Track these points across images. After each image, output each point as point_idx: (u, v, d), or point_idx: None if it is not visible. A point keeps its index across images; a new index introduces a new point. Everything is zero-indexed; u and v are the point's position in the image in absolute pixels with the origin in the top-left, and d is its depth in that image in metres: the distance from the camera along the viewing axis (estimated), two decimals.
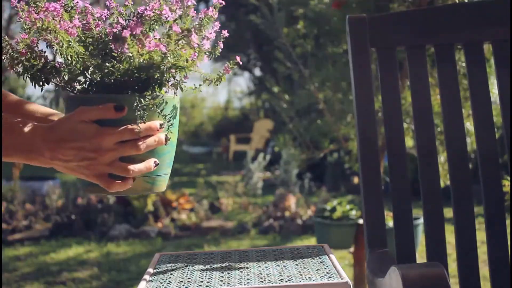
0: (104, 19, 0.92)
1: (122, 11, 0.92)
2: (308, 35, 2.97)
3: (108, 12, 0.92)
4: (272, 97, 3.50)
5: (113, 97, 0.86)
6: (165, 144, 0.88)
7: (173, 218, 5.39)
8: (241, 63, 0.95)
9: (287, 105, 3.20)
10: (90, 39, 0.88)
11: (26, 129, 0.84)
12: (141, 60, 0.84)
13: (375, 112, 1.29)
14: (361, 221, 4.15)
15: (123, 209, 5.37)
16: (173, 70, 0.87)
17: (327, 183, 7.29)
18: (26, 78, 0.90)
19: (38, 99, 10.26)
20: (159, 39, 0.86)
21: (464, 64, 1.37)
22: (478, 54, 1.30)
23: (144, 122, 0.85)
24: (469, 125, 2.32)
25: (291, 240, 4.93)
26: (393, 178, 1.26)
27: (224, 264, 1.01)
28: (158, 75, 0.87)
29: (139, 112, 0.85)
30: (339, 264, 0.97)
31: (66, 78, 0.90)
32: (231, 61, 0.92)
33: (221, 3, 0.92)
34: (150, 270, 1.00)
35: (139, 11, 0.87)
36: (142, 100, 0.85)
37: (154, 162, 0.87)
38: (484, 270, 1.25)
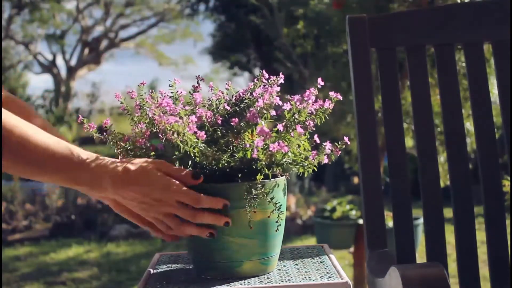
0: (207, 105, 0.95)
1: (226, 97, 0.95)
2: (308, 35, 2.97)
3: (210, 98, 0.96)
4: None
5: (226, 186, 0.88)
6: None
7: None
8: (340, 97, 0.94)
9: None
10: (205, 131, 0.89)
11: (96, 165, 0.88)
12: (262, 157, 0.85)
13: (375, 112, 1.29)
14: (361, 221, 4.15)
15: None
16: (292, 166, 0.89)
17: (327, 183, 7.28)
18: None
19: (38, 99, 10.24)
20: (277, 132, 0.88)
21: (464, 64, 1.37)
22: (478, 54, 1.30)
23: (255, 211, 0.88)
24: (469, 125, 2.32)
25: (291, 240, 4.92)
26: (393, 178, 1.26)
27: None
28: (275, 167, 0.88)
29: (250, 202, 0.87)
30: (339, 264, 0.97)
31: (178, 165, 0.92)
32: (339, 143, 0.92)
33: (337, 97, 0.94)
34: (150, 270, 1.00)
35: (242, 96, 0.92)
36: (253, 189, 0.87)
37: (210, 233, 0.89)
38: (484, 270, 1.25)
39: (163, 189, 0.87)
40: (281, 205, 0.90)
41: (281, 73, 0.95)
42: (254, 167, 0.87)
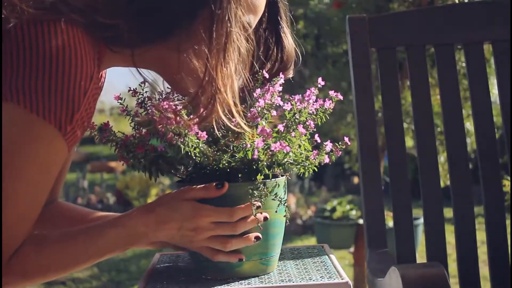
0: None
1: None
2: (308, 35, 2.97)
3: None
4: None
5: (230, 185, 0.87)
6: (259, 225, 0.88)
7: None
8: (341, 97, 0.94)
9: None
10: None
11: (124, 220, 0.87)
12: (263, 156, 0.85)
13: (375, 112, 1.29)
14: (361, 221, 4.15)
15: (123, 209, 5.37)
16: (293, 166, 0.89)
17: (327, 183, 7.28)
18: (140, 171, 0.92)
19: None
20: (279, 133, 0.88)
21: (464, 64, 1.37)
22: (478, 54, 1.30)
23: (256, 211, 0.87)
24: (469, 125, 2.33)
25: (291, 240, 4.92)
26: (393, 178, 1.26)
27: None
28: (276, 167, 0.88)
29: (253, 200, 0.87)
30: (339, 264, 0.97)
31: (178, 167, 0.92)
32: (339, 143, 0.92)
33: (338, 97, 0.93)
34: (150, 270, 1.00)
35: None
36: (255, 190, 0.87)
37: (256, 237, 0.89)
38: (484, 270, 1.25)
39: (193, 217, 0.86)
40: (285, 201, 0.91)
41: (281, 73, 0.95)
42: (254, 167, 0.87)
